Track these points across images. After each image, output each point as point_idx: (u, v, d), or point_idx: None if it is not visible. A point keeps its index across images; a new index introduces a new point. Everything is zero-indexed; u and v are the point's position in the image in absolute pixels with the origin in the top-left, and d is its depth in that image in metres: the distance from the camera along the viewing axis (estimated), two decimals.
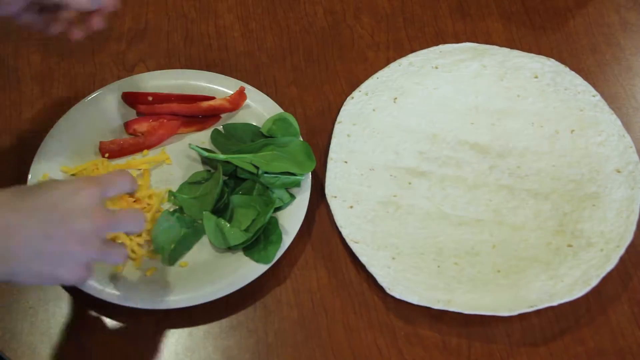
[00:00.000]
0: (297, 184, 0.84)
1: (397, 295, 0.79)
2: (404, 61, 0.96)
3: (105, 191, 0.66)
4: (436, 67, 0.95)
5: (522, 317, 0.79)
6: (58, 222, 0.62)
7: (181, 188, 0.85)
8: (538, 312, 0.79)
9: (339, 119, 0.91)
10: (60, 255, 0.63)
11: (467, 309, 0.78)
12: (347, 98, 0.93)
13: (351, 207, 0.84)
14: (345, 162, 0.88)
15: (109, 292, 0.77)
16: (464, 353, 0.77)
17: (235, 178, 0.86)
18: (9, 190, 0.63)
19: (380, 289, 0.80)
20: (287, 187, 0.84)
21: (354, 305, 0.80)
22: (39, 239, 0.62)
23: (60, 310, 0.79)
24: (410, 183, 0.87)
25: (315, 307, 0.80)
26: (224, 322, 0.79)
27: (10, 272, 0.62)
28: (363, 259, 0.81)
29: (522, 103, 0.92)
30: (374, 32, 1.02)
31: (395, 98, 0.93)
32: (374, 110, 0.92)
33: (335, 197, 0.85)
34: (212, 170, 0.87)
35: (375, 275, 0.80)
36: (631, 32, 1.03)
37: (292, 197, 0.84)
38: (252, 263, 0.79)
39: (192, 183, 0.86)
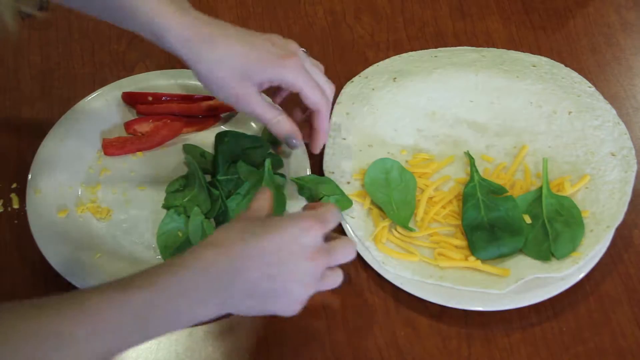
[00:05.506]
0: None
1: (391, 270, 0.79)
2: (403, 54, 0.97)
3: (326, 229, 0.67)
4: (435, 57, 0.96)
5: (521, 316, 0.79)
6: (280, 264, 0.64)
7: (167, 198, 0.85)
8: (538, 312, 0.79)
9: (338, 100, 0.92)
10: (276, 293, 0.65)
11: (459, 284, 0.78)
12: (347, 82, 0.93)
13: (348, 182, 0.85)
14: (344, 139, 0.89)
15: None
16: (464, 353, 0.78)
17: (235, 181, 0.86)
18: (237, 230, 0.65)
19: (380, 289, 0.80)
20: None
21: (354, 305, 0.80)
22: (257, 280, 0.63)
23: None
24: (407, 161, 0.88)
25: (315, 307, 0.80)
26: (224, 322, 0.79)
27: (222, 309, 0.64)
28: (359, 233, 0.81)
29: (521, 83, 0.93)
30: (374, 32, 1.02)
31: (395, 78, 0.93)
32: (373, 89, 0.93)
33: (333, 172, 0.86)
34: (187, 170, 0.87)
35: (369, 249, 0.80)
36: (631, 32, 1.03)
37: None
38: None
39: (173, 192, 0.86)
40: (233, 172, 0.85)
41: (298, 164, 0.86)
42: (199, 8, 1.03)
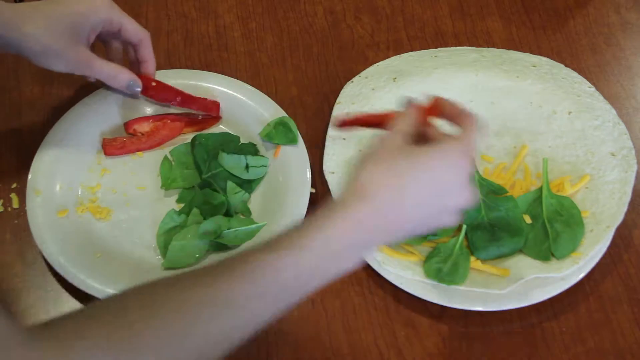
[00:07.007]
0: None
1: (391, 270, 0.79)
2: (403, 54, 0.97)
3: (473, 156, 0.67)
4: (435, 57, 0.96)
5: (521, 317, 0.79)
6: (435, 196, 0.64)
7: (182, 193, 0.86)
8: (538, 312, 0.79)
9: (338, 100, 0.92)
10: (428, 219, 0.65)
11: (460, 285, 0.78)
12: (347, 82, 0.93)
13: None
14: (344, 139, 0.89)
15: (111, 293, 0.77)
16: (464, 353, 0.77)
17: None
18: (381, 173, 0.63)
19: (380, 289, 0.80)
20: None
21: (353, 305, 0.80)
22: (410, 224, 0.64)
23: (60, 310, 0.79)
24: None
25: (315, 307, 0.80)
26: None
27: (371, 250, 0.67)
28: None
29: (521, 83, 0.93)
30: (374, 32, 1.02)
31: (395, 78, 0.93)
32: (373, 89, 0.93)
33: (333, 172, 0.86)
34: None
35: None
36: (631, 32, 1.03)
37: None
38: None
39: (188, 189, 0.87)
40: (215, 166, 0.85)
41: (298, 163, 0.86)
42: (199, 8, 1.04)
